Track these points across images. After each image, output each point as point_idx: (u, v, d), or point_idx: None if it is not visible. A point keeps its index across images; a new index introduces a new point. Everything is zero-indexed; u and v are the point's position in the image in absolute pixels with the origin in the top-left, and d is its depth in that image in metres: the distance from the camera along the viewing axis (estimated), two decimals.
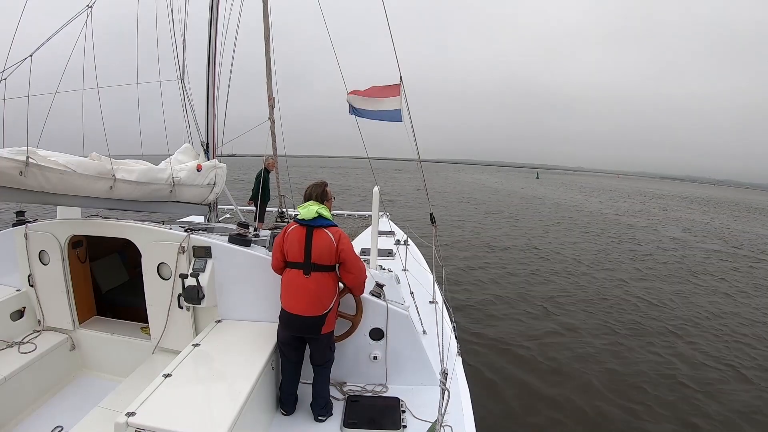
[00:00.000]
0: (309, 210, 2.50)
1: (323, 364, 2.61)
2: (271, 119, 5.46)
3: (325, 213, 2.56)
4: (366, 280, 2.71)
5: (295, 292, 2.48)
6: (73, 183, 2.67)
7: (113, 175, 2.88)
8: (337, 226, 2.58)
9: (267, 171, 6.92)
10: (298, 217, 2.55)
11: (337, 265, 2.55)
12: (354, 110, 4.26)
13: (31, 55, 2.50)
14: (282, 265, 2.59)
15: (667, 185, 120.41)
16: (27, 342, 2.96)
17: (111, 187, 2.88)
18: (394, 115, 3.95)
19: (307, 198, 2.66)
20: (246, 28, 4.34)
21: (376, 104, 4.06)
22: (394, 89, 3.98)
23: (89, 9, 2.80)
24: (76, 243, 3.17)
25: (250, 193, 7.77)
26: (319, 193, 2.67)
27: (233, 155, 4.17)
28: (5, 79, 2.42)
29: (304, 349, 2.64)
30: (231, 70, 4.12)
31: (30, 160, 2.39)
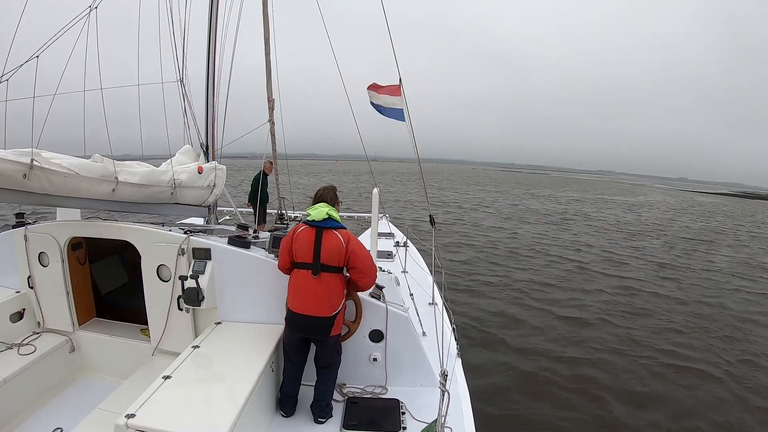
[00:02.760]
0: (320, 211, 2.53)
1: (328, 367, 2.61)
2: (271, 121, 5.46)
3: (335, 215, 2.59)
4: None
5: (304, 292, 2.48)
6: (76, 185, 2.68)
7: (116, 178, 2.88)
8: (345, 228, 2.61)
9: (265, 175, 6.90)
10: (308, 218, 2.57)
11: (344, 267, 2.57)
12: (373, 105, 4.19)
13: (37, 56, 2.51)
14: (289, 266, 2.60)
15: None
16: (27, 344, 2.96)
17: (113, 190, 2.89)
18: (398, 115, 3.96)
19: (318, 200, 2.69)
20: (246, 29, 4.35)
21: (386, 100, 4.07)
22: (395, 89, 3.99)
23: (93, 9, 2.80)
24: (76, 245, 3.18)
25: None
26: (331, 196, 2.74)
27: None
28: (7, 79, 2.42)
29: (308, 352, 2.64)
30: (231, 71, 4.14)
31: (34, 162, 2.39)
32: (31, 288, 3.16)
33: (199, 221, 4.50)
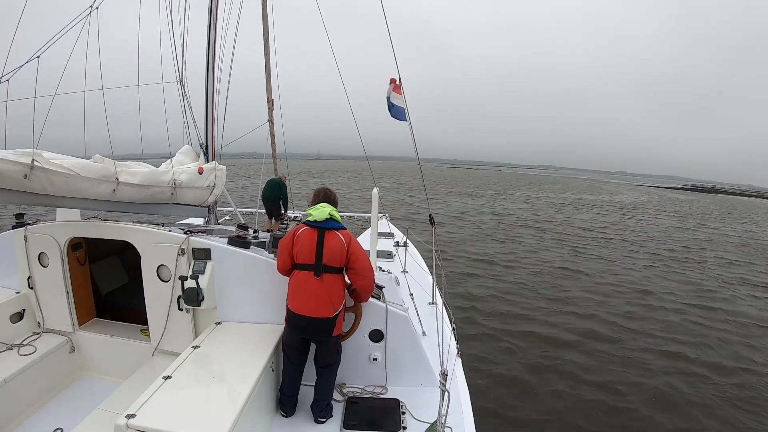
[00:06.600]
0: (322, 212, 2.52)
1: (329, 366, 2.61)
2: (271, 121, 5.47)
3: (336, 215, 2.58)
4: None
5: (305, 293, 2.47)
6: (76, 186, 2.68)
7: (116, 179, 2.88)
8: (346, 229, 2.60)
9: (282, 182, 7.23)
10: (309, 219, 2.56)
11: (345, 268, 2.56)
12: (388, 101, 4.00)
13: (38, 56, 2.51)
14: (288, 267, 2.58)
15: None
16: (27, 344, 2.96)
17: (114, 190, 2.89)
18: (399, 113, 3.93)
19: (320, 201, 2.69)
20: (245, 30, 4.36)
21: (392, 97, 4.03)
22: (397, 88, 3.97)
23: (94, 10, 2.80)
24: (76, 245, 3.17)
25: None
26: (333, 197, 2.75)
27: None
28: (8, 80, 2.42)
29: (308, 352, 2.64)
30: (230, 71, 4.14)
31: (35, 163, 2.39)
32: (31, 288, 3.15)
33: (199, 221, 4.50)
